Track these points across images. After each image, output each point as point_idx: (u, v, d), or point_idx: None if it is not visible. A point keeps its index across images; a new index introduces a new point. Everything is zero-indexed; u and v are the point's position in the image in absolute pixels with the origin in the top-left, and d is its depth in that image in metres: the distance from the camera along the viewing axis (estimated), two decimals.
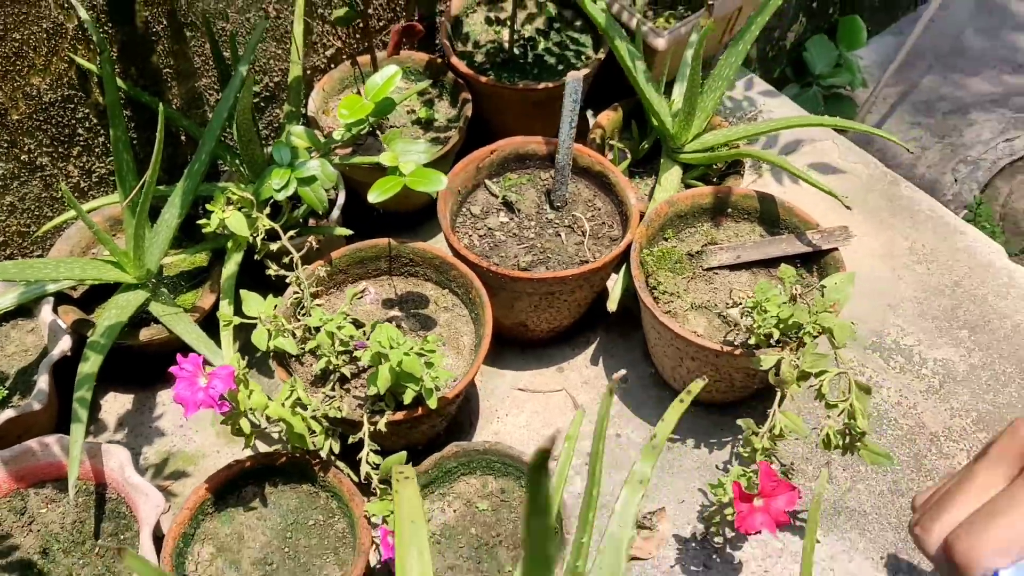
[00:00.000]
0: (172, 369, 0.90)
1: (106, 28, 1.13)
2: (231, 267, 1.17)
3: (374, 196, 0.99)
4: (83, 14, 1.08)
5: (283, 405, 0.97)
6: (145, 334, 1.17)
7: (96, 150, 1.22)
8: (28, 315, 1.19)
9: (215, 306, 1.18)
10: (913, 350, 1.35)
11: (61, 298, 1.20)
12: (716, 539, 1.16)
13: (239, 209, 1.07)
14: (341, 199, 1.26)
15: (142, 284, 1.17)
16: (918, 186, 1.57)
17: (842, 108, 2.24)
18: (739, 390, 1.21)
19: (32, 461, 1.05)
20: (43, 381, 1.09)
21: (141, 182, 1.07)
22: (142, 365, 1.25)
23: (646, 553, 1.15)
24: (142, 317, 1.18)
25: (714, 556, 1.15)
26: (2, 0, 1.02)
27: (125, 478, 1.04)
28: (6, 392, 1.09)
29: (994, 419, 1.28)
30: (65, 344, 1.12)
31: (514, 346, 1.32)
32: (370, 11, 1.39)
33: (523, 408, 1.27)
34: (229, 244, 1.15)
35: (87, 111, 1.18)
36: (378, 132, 1.32)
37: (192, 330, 1.14)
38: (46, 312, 1.16)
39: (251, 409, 0.95)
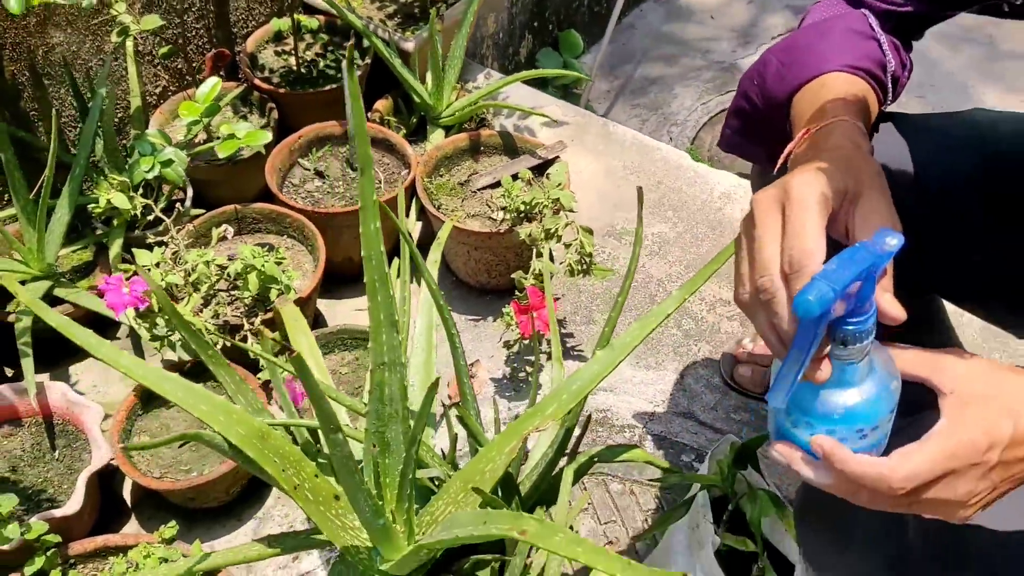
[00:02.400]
0: (101, 286, 1.25)
1: None
2: (116, 248, 1.52)
3: (223, 153, 1.39)
4: None
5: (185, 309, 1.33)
6: (59, 311, 1.49)
7: None
8: None
9: None
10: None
11: None
12: (519, 375, 1.59)
13: (119, 191, 1.44)
14: (190, 193, 1.63)
15: (45, 275, 1.50)
16: None
17: (572, 101, 2.78)
18: (513, 270, 1.66)
19: None
20: None
21: (38, 185, 1.41)
22: (47, 349, 1.56)
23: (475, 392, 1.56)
24: (50, 302, 1.51)
25: (520, 384, 1.58)
26: None
27: (69, 401, 1.36)
28: None
29: (698, 264, 1.79)
30: None
31: (347, 281, 1.72)
32: (188, 48, 1.78)
33: (363, 322, 1.67)
34: (114, 223, 1.50)
35: None
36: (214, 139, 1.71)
37: (94, 300, 1.48)
38: None
39: (160, 312, 1.30)
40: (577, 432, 1.09)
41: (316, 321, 1.65)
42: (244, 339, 1.39)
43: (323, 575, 1.35)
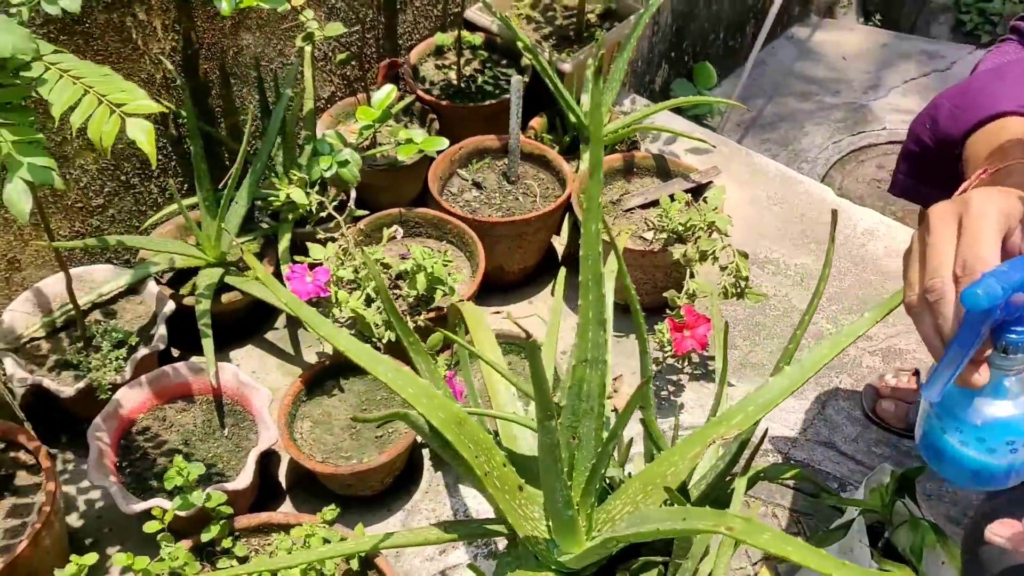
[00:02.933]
0: (287, 274, 1.32)
1: (180, 79, 1.57)
2: (285, 242, 1.59)
3: (403, 155, 1.45)
4: (169, 66, 1.53)
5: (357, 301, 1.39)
6: (226, 298, 1.57)
7: (169, 172, 1.64)
8: (134, 293, 1.57)
9: (275, 274, 1.60)
10: (780, 260, 1.86)
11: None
12: (663, 392, 1.61)
13: (298, 187, 1.51)
14: (353, 195, 1.70)
15: (218, 263, 1.58)
16: None
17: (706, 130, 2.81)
18: (660, 290, 1.68)
19: (167, 381, 1.43)
20: (161, 330, 1.48)
21: (226, 178, 1.50)
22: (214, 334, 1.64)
23: (612, 408, 1.59)
24: (219, 289, 1.58)
25: (663, 402, 1.60)
26: (117, 58, 1.46)
27: (240, 382, 1.43)
28: (137, 340, 1.48)
29: (841, 297, 1.78)
30: (170, 306, 1.52)
31: (494, 289, 1.76)
32: (361, 56, 1.86)
33: (507, 328, 1.71)
34: (289, 217, 1.57)
35: (165, 140, 1.60)
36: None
37: (262, 289, 1.55)
38: (151, 287, 1.55)
39: (337, 302, 1.36)
40: (753, 443, 1.11)
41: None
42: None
43: (467, 573, 1.38)
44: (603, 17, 2.07)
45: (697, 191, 1.71)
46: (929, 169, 1.11)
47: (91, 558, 1.19)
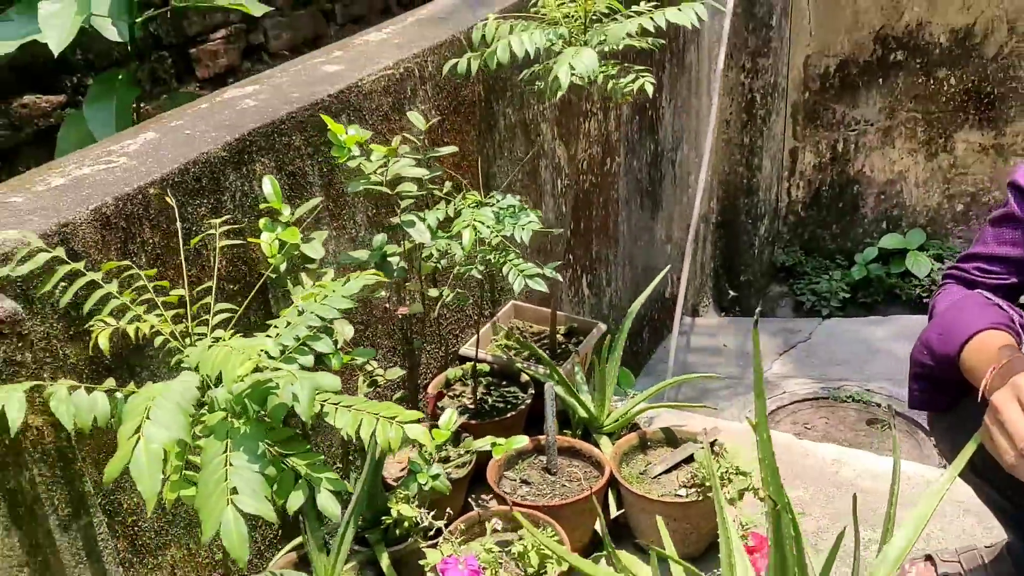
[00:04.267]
0: (439, 566, 1.52)
1: None
2: (385, 559, 1.77)
3: (495, 454, 1.72)
4: None
5: None
6: None
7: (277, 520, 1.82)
8: None
9: None
10: None
11: None
12: None
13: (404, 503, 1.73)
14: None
15: None
16: None
17: None
18: (704, 537, 1.95)
19: None
20: None
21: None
22: None
23: None
24: None
25: None
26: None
27: None
28: None
29: (838, 516, 2.11)
30: None
31: None
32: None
33: None
34: (383, 536, 1.77)
35: None
36: None
37: None
38: None
39: None
40: None
41: None
42: None
43: None
44: (567, 335, 2.49)
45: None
46: (937, 382, 1.51)
47: None
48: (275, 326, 1.24)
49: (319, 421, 1.18)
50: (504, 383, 2.34)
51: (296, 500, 1.13)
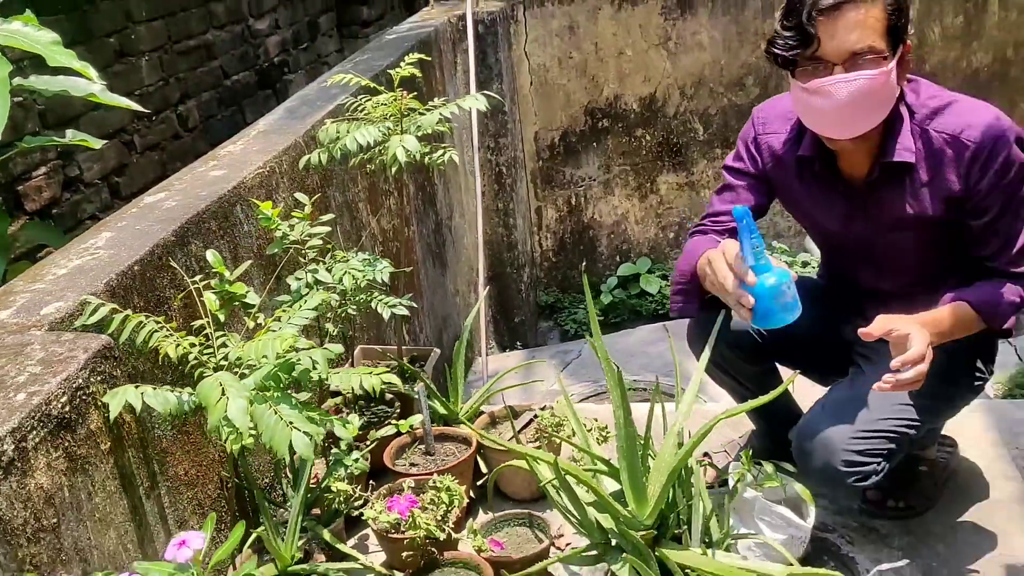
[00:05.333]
0: (390, 502, 2.10)
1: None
2: (327, 534, 2.32)
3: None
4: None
5: None
6: None
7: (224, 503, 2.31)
8: None
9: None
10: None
11: None
12: None
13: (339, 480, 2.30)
14: None
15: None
16: None
17: None
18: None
19: None
20: None
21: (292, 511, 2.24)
22: None
23: None
24: None
25: None
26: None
27: None
28: None
29: None
30: None
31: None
32: None
33: None
34: (326, 510, 2.32)
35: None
36: None
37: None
38: None
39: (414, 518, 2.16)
40: None
41: None
42: None
43: None
44: (411, 362, 3.13)
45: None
46: (686, 293, 2.23)
47: None
48: (270, 330, 1.82)
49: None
50: (373, 404, 2.93)
51: (318, 433, 1.71)
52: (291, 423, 1.61)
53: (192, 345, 1.80)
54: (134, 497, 1.68)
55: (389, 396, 2.87)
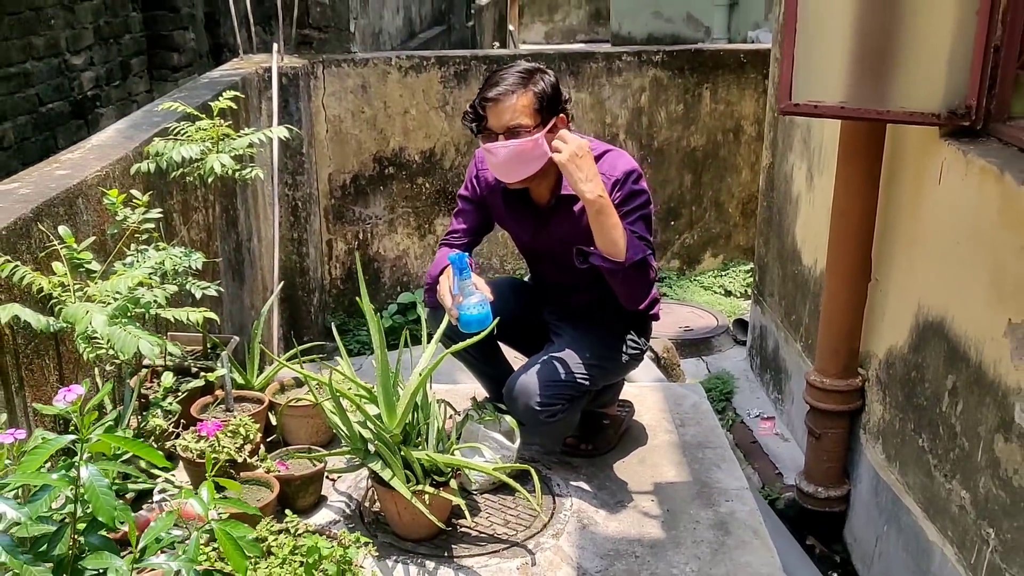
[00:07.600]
0: (200, 427, 2.72)
1: None
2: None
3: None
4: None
5: None
6: None
7: None
8: None
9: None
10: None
11: None
12: None
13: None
14: None
15: None
16: None
17: None
18: (328, 431, 3.33)
19: None
20: None
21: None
22: None
23: None
24: None
25: None
26: None
27: None
28: None
29: None
30: None
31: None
32: None
33: None
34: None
35: None
36: None
37: None
38: None
39: (218, 440, 2.79)
40: None
41: None
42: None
43: None
44: (213, 348, 3.73)
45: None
46: (432, 292, 3.05)
47: None
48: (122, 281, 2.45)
49: None
50: (180, 377, 3.52)
51: (158, 343, 2.34)
52: (138, 337, 2.25)
53: (55, 285, 2.40)
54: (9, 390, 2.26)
55: (195, 369, 3.47)
